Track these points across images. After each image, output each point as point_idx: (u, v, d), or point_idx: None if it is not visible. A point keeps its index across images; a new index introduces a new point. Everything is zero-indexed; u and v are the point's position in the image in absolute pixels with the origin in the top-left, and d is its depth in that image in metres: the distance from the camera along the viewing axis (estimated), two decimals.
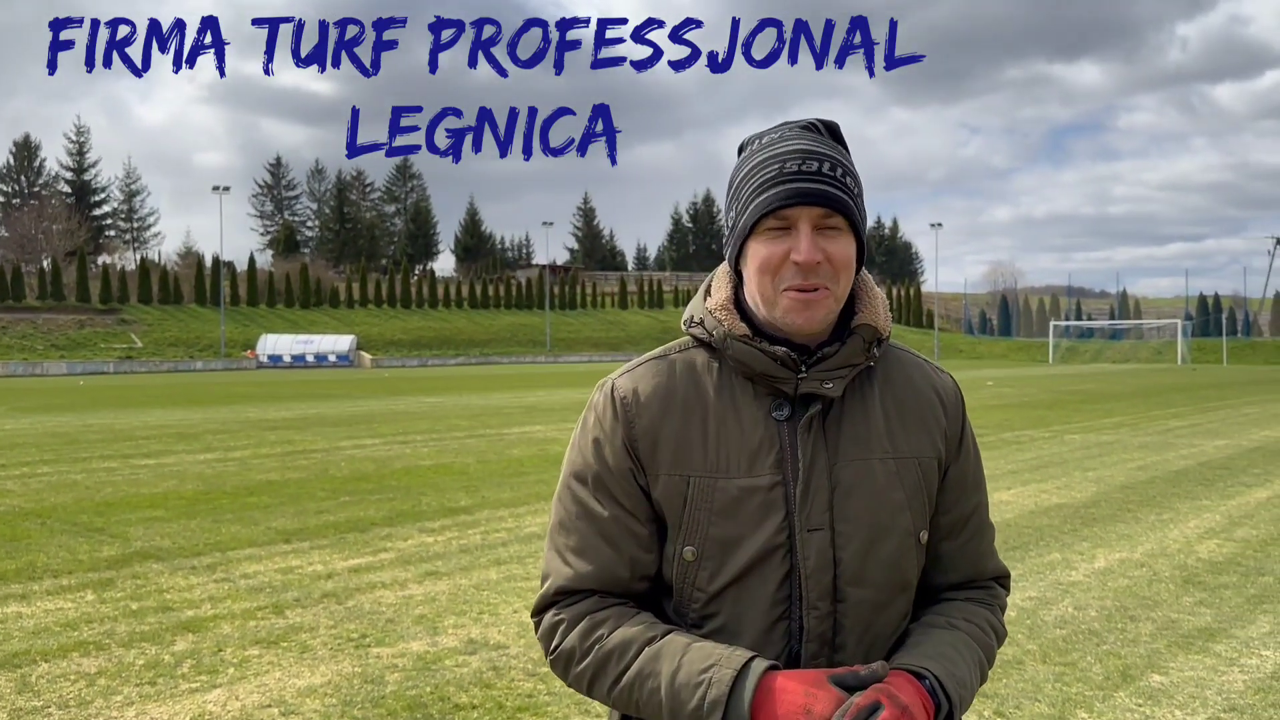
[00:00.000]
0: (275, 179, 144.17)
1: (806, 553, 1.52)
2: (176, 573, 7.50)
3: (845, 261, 1.52)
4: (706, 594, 1.55)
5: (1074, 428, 19.36)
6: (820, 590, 1.52)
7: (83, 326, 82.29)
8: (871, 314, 1.60)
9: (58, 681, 5.15)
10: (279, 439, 18.06)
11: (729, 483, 1.54)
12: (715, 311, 1.61)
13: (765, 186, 1.52)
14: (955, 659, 1.53)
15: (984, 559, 1.73)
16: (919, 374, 1.69)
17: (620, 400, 1.60)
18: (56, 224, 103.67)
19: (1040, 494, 11.00)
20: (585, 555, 1.58)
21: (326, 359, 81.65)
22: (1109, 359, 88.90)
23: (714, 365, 1.61)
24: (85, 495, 11.34)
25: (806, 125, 1.58)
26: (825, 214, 1.50)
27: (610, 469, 1.58)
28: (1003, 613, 1.74)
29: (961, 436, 1.69)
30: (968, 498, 1.69)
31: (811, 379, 1.54)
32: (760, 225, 1.52)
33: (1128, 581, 7.05)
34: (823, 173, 1.51)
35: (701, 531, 1.54)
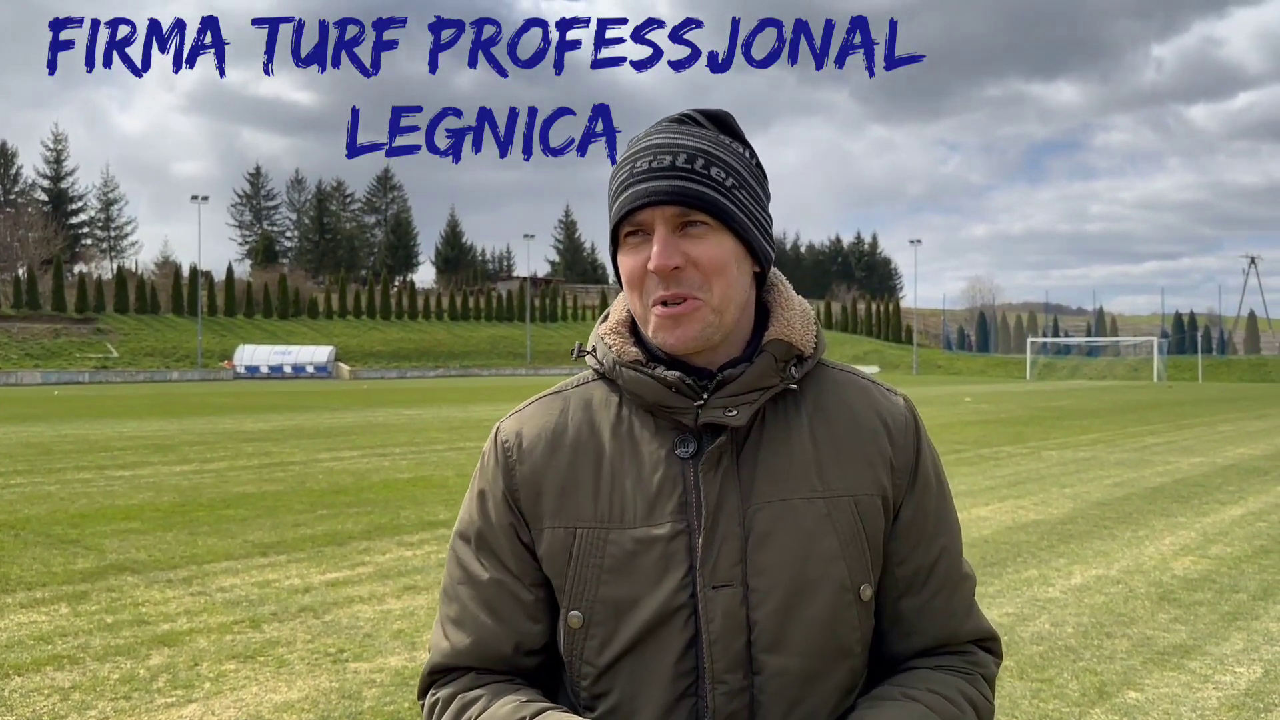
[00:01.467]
0: (254, 189, 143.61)
1: (710, 614, 1.28)
2: (152, 586, 7.43)
3: (715, 263, 1.30)
4: (596, 668, 1.33)
5: (1051, 444, 19.48)
6: (729, 660, 1.28)
7: (58, 335, 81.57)
8: (785, 328, 1.38)
9: (31, 695, 5.09)
10: (256, 451, 17.94)
11: (622, 534, 1.32)
12: (606, 336, 1.41)
13: (620, 190, 1.33)
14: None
15: (957, 617, 1.41)
16: (860, 397, 1.43)
17: (502, 445, 1.42)
18: (33, 232, 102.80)
19: (1018, 510, 11.06)
20: (463, 627, 1.39)
21: (304, 370, 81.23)
22: (1086, 375, 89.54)
23: (613, 399, 1.40)
24: (59, 507, 11.23)
25: (679, 118, 1.38)
26: (680, 212, 1.29)
27: (493, 525, 1.40)
28: (989, 683, 1.42)
29: (915, 469, 1.41)
30: (929, 543, 1.40)
31: (712, 407, 1.31)
32: (621, 234, 1.34)
33: (1104, 598, 7.10)
34: (676, 166, 1.29)
35: (589, 593, 1.32)
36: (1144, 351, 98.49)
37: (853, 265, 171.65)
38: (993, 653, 1.45)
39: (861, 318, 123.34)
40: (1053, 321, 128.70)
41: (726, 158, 1.33)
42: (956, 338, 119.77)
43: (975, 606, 1.45)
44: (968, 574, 1.45)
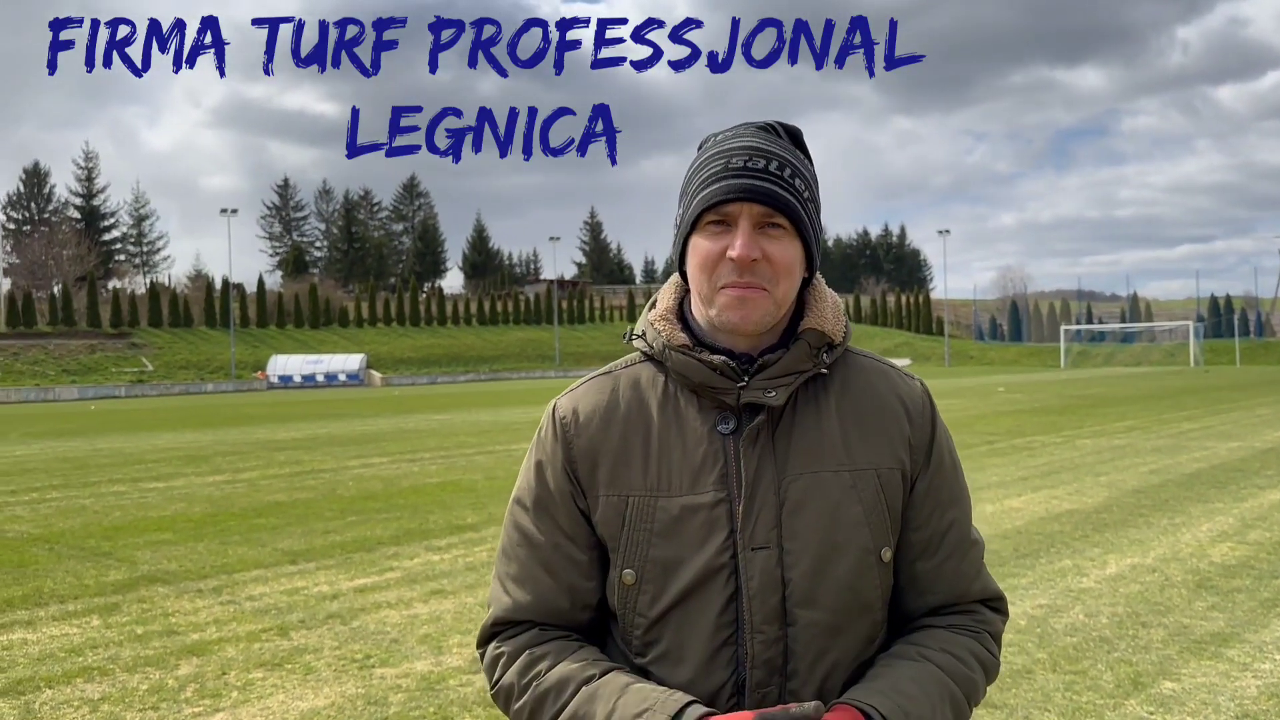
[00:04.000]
0: (283, 200, 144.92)
1: (750, 572, 1.44)
2: (183, 596, 7.48)
3: (786, 264, 1.46)
4: (648, 619, 1.48)
5: (1085, 432, 19.25)
6: (766, 613, 1.44)
7: (94, 351, 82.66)
8: (819, 318, 1.54)
9: (61, 708, 5.13)
10: (288, 459, 18.06)
11: (670, 501, 1.47)
12: (655, 322, 1.56)
13: (709, 182, 1.47)
14: (915, 695, 1.40)
15: (966, 579, 1.58)
16: (881, 381, 1.59)
17: (560, 421, 1.56)
18: (66, 250, 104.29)
19: (1051, 500, 10.91)
20: (524, 585, 1.54)
21: (337, 378, 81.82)
22: (1121, 362, 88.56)
23: (659, 380, 1.55)
24: (93, 520, 11.35)
25: (764, 126, 1.53)
26: (767, 212, 1.45)
27: (551, 492, 1.54)
28: (995, 640, 1.59)
29: (931, 446, 1.57)
30: (942, 512, 1.57)
31: (753, 388, 1.47)
32: (702, 221, 1.48)
33: (1139, 587, 6.97)
34: (769, 171, 1.45)
35: (641, 553, 1.47)
36: (1179, 336, 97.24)
37: (881, 258, 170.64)
38: (999, 611, 1.62)
39: (891, 310, 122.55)
40: (1086, 309, 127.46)
41: (805, 172, 1.51)
42: (988, 328, 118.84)
43: (984, 569, 1.62)
44: (976, 540, 1.62)
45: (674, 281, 1.61)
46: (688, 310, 1.57)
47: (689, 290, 1.56)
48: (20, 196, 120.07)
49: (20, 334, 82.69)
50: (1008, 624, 1.64)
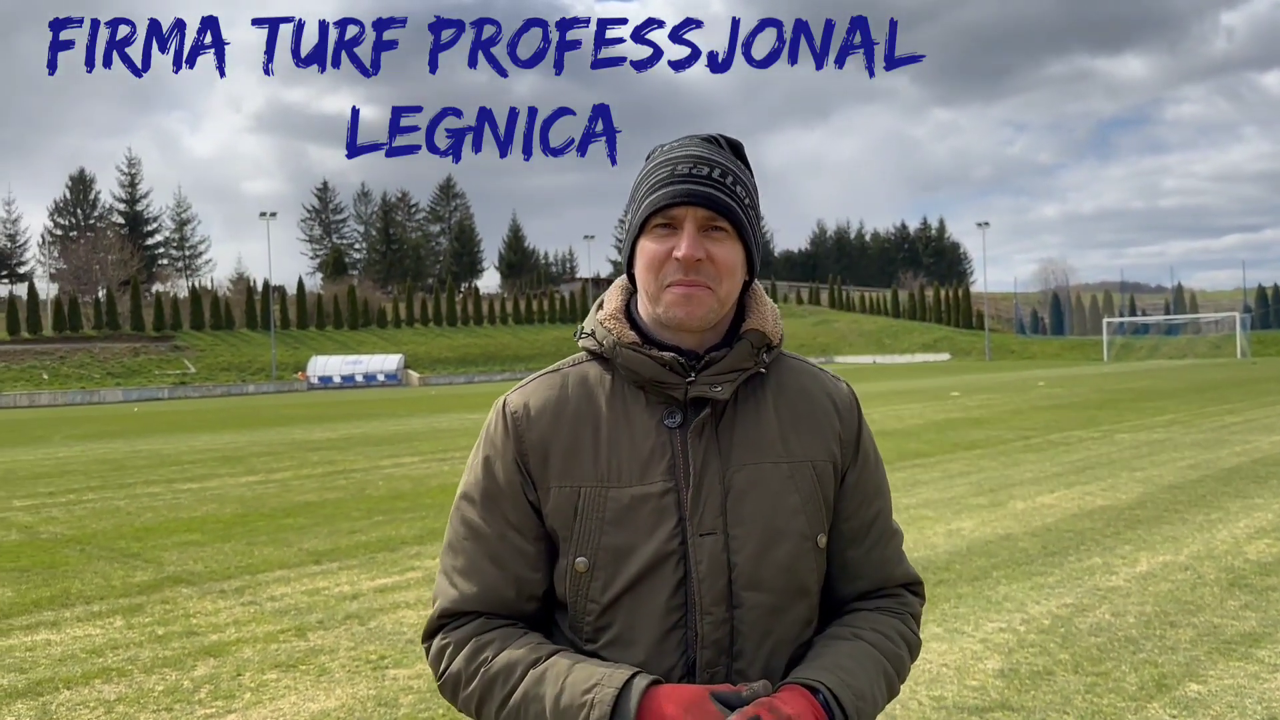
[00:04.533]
0: (323, 203, 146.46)
1: (699, 557, 1.52)
2: (205, 597, 7.53)
3: (728, 265, 1.55)
4: (600, 605, 1.54)
5: (1124, 427, 18.92)
6: (714, 595, 1.52)
7: (138, 354, 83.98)
8: (760, 320, 1.63)
9: (77, 709, 5.16)
10: (321, 459, 18.20)
11: (621, 491, 1.54)
12: (605, 321, 1.63)
13: (657, 187, 1.56)
14: (855, 671, 1.51)
15: (891, 565, 1.71)
16: (813, 382, 1.70)
17: (511, 415, 1.62)
18: (111, 255, 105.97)
19: (1084, 496, 10.71)
20: (471, 577, 1.59)
21: (375, 378, 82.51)
22: (1165, 355, 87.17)
23: (606, 377, 1.63)
24: (126, 521, 11.48)
25: (708, 138, 1.62)
26: (710, 216, 1.54)
27: (500, 485, 1.59)
28: (916, 620, 1.72)
29: (858, 442, 1.69)
30: (869, 503, 1.69)
31: (700, 383, 1.56)
32: (649, 224, 1.56)
33: (1170, 586, 6.81)
34: (712, 178, 1.55)
35: (593, 541, 1.54)
36: (1226, 328, 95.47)
37: (920, 252, 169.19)
38: (918, 595, 1.76)
39: (930, 304, 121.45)
40: (1129, 301, 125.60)
41: (747, 182, 1.61)
42: (1030, 321, 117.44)
43: (904, 556, 1.76)
44: (898, 530, 1.76)
45: (621, 284, 1.69)
46: (635, 311, 1.65)
47: (635, 292, 1.65)
48: (66, 203, 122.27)
49: (66, 338, 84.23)
50: (1030, 624, 1.80)
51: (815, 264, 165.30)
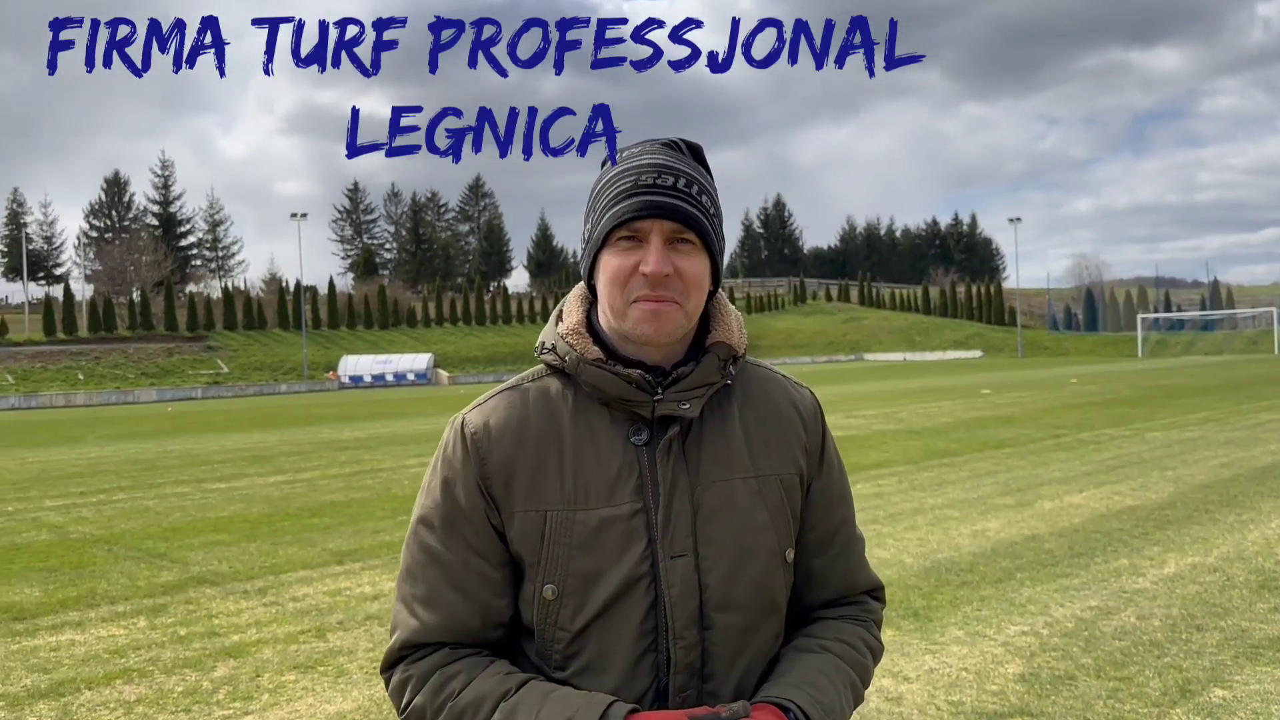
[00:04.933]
0: (353, 204, 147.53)
1: (670, 580, 1.48)
2: (228, 597, 7.58)
3: (696, 279, 1.50)
4: (569, 633, 1.49)
5: (1157, 425, 18.67)
6: (686, 619, 1.48)
7: (171, 354, 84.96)
8: (726, 332, 1.59)
9: (97, 710, 5.20)
10: (349, 459, 18.31)
11: (588, 514, 1.49)
12: (567, 336, 1.57)
13: (619, 198, 1.50)
14: (823, 685, 1.49)
15: (854, 573, 1.70)
16: (777, 390, 1.66)
17: (471, 436, 1.54)
18: (145, 256, 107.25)
19: (1113, 496, 10.57)
20: (433, 606, 1.52)
21: (405, 378, 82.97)
22: (1201, 351, 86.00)
23: (568, 393, 1.57)
24: (154, 521, 11.59)
25: (668, 143, 1.57)
26: (677, 229, 1.49)
27: (462, 509, 1.52)
28: (878, 627, 1.72)
29: (823, 450, 1.66)
30: (833, 512, 1.66)
31: (668, 400, 1.51)
32: (612, 236, 1.51)
33: (1197, 588, 6.69)
34: (677, 188, 1.49)
35: (561, 567, 1.48)
36: (1263, 323, 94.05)
37: (951, 248, 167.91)
38: (880, 600, 1.74)
39: (961, 301, 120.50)
40: (1164, 296, 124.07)
41: (710, 189, 1.56)
42: (1063, 317, 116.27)
43: (866, 563, 1.74)
44: (860, 536, 1.74)
45: (580, 294, 1.62)
46: (596, 323, 1.58)
47: (595, 302, 1.60)
48: (101, 205, 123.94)
49: (101, 339, 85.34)
50: (1053, 628, 1.77)
51: (845, 261, 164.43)
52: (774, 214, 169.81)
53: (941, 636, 5.78)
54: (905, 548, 8.29)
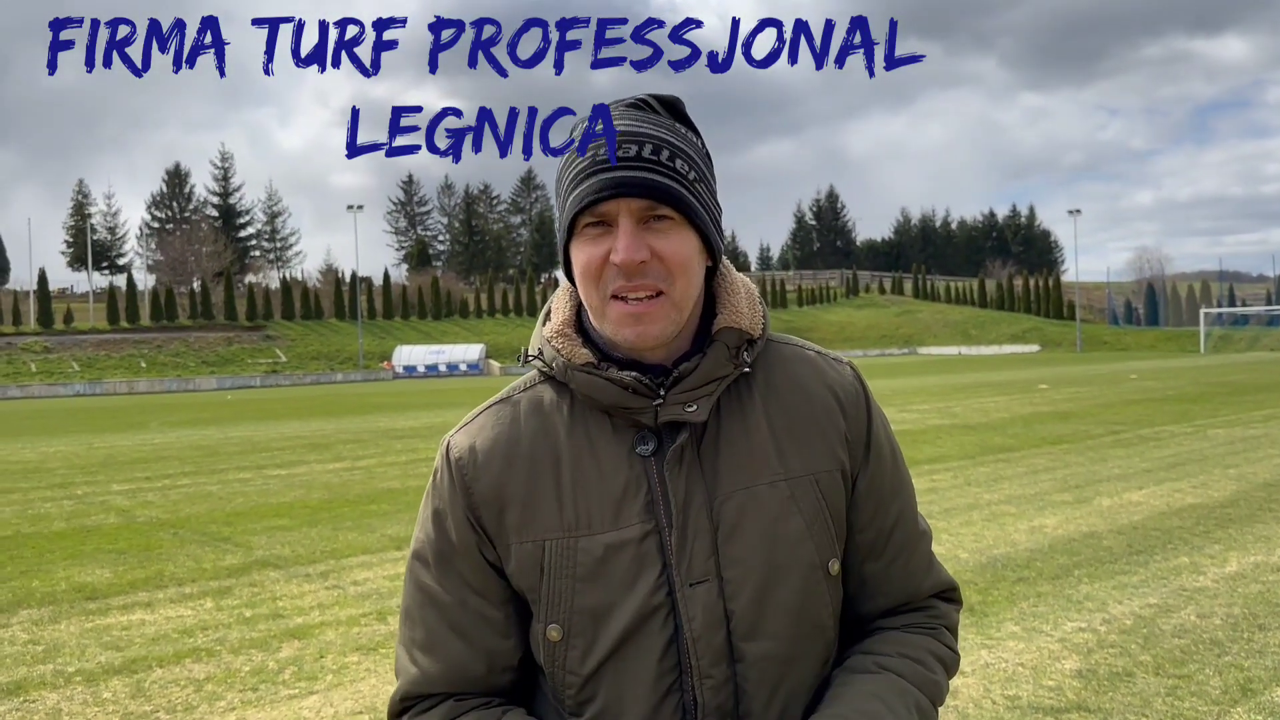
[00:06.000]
0: (408, 196, 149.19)
1: (691, 611, 1.28)
2: (291, 580, 7.77)
3: (680, 260, 1.27)
4: (580, 677, 1.32)
5: (1219, 422, 18.30)
6: (712, 655, 1.29)
7: (231, 343, 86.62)
8: (733, 314, 1.36)
9: (169, 687, 5.38)
10: (404, 448, 18.57)
11: (591, 540, 1.30)
12: (553, 340, 1.38)
13: (579, 179, 1.29)
14: (880, 714, 1.28)
15: (918, 575, 1.46)
16: (808, 372, 1.42)
17: (456, 462, 1.38)
18: (205, 247, 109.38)
19: (1174, 494, 10.41)
20: (433, 652, 1.36)
21: (458, 368, 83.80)
22: (1266, 346, 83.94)
23: (563, 402, 1.38)
24: (217, 506, 11.88)
25: (634, 102, 1.34)
26: (648, 205, 1.26)
27: (453, 544, 1.36)
28: (952, 633, 1.47)
29: (869, 437, 1.42)
30: (886, 507, 1.43)
31: (671, 404, 1.30)
32: (578, 225, 1.30)
33: (1260, 587, 6.59)
34: (643, 157, 1.26)
35: (565, 604, 1.31)
36: None
37: (1008, 240, 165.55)
38: (953, 601, 1.50)
39: (1019, 294, 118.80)
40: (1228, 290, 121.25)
41: (687, 149, 1.31)
42: (1123, 312, 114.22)
43: (934, 560, 1.50)
44: (924, 531, 1.49)
45: (566, 289, 1.42)
46: (586, 321, 1.39)
47: None
48: (163, 196, 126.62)
49: (163, 328, 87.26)
50: (1111, 625, 1.58)
51: (899, 253, 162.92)
52: (826, 206, 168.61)
53: (997, 632, 5.76)
54: (960, 543, 8.25)
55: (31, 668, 5.79)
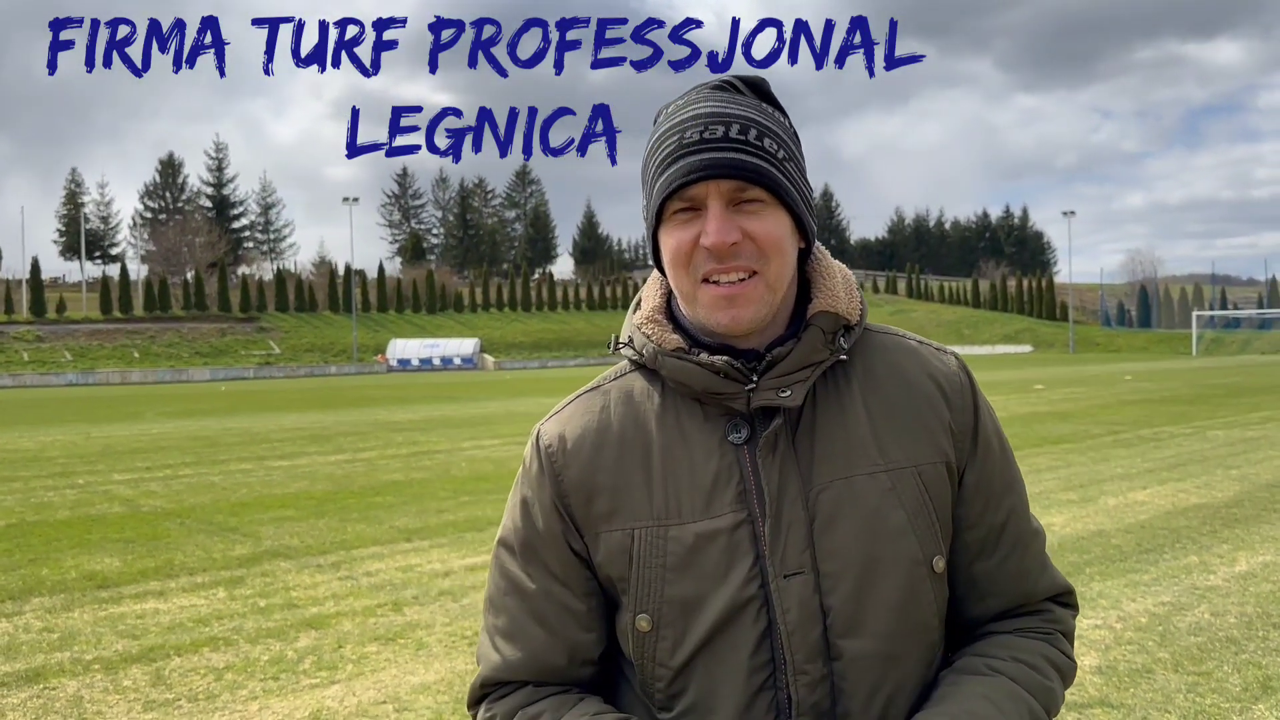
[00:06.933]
0: (402, 189, 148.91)
1: (785, 604, 1.24)
2: (303, 571, 7.76)
3: (773, 240, 1.25)
4: (670, 669, 1.29)
5: (1217, 423, 18.38)
6: (808, 650, 1.25)
7: (224, 334, 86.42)
8: (830, 298, 1.32)
9: (189, 675, 5.38)
10: (405, 440, 18.56)
11: (682, 529, 1.27)
12: (643, 326, 1.36)
13: (666, 164, 1.26)
14: (990, 716, 1.22)
15: (1031, 576, 1.39)
16: (911, 360, 1.38)
17: (545, 450, 1.37)
18: (199, 237, 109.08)
19: (1178, 494, 10.46)
20: (515, 640, 1.36)
21: (452, 362, 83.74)
22: (1258, 350, 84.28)
23: (653, 390, 1.35)
24: (222, 496, 11.86)
25: (719, 84, 1.31)
26: (738, 186, 1.23)
27: (539, 533, 1.35)
28: (1068, 639, 1.40)
29: (976, 429, 1.37)
30: (997, 504, 1.37)
31: (764, 389, 1.27)
32: (667, 210, 1.27)
33: (1271, 586, 6.63)
34: (730, 137, 1.23)
35: (655, 594, 1.28)
36: None
37: (1002, 240, 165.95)
38: (1069, 606, 1.43)
39: (1012, 294, 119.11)
40: (1220, 293, 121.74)
41: (775, 128, 1.28)
42: (1116, 313, 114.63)
43: (1048, 562, 1.43)
44: (1037, 530, 1.42)
45: (656, 277, 1.40)
46: (676, 308, 1.36)
47: None
48: (157, 186, 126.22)
49: (156, 318, 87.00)
50: (1127, 622, 1.54)
51: (893, 252, 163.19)
52: (821, 204, 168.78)
53: None
54: None
55: (49, 655, 5.78)
